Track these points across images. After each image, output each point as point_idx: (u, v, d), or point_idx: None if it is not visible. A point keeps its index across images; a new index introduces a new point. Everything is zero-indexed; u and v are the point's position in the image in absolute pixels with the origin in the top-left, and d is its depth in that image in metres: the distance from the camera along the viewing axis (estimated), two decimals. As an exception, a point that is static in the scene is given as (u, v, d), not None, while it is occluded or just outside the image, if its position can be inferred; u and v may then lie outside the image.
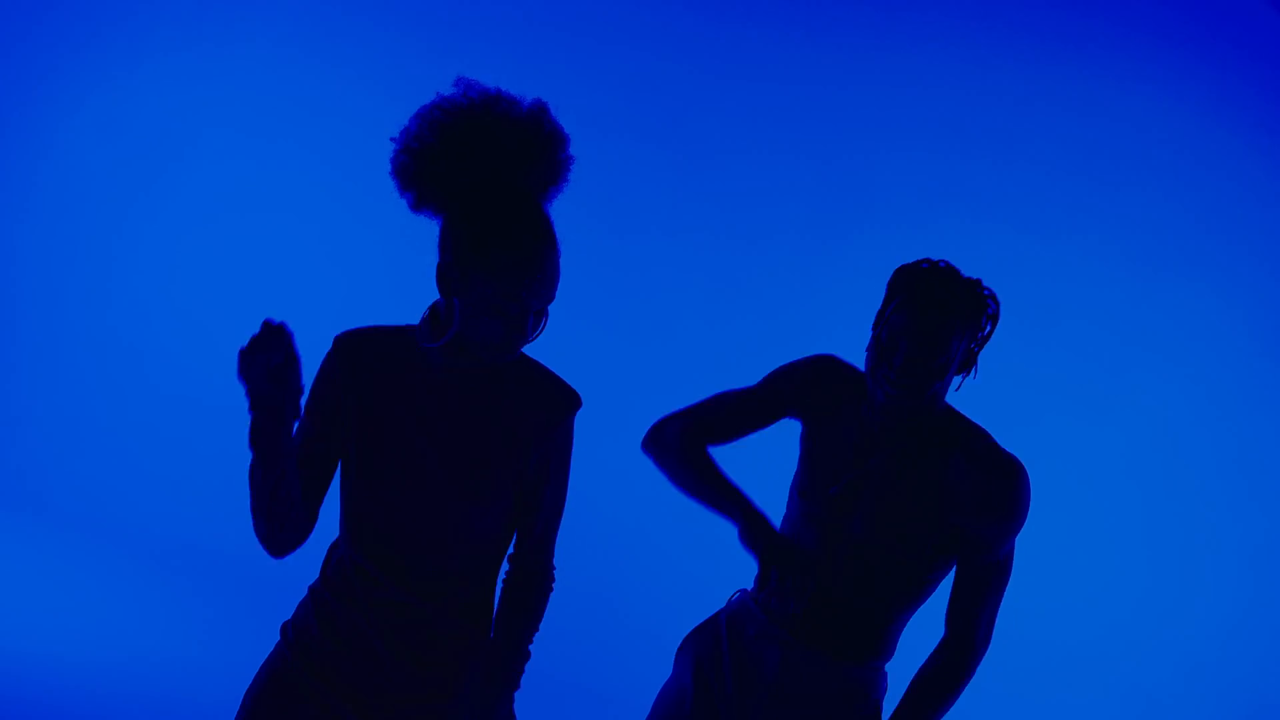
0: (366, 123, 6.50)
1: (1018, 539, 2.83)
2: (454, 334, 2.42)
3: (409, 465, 2.47)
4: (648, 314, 6.31)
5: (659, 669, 3.15)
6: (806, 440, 2.90)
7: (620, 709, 4.38)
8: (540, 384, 2.55)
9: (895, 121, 6.03)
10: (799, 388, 2.89)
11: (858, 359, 2.89)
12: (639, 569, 5.66)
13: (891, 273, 2.77)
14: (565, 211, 2.51)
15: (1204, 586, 5.75)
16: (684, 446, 2.91)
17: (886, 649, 2.89)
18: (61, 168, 6.92)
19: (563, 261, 2.43)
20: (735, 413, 2.93)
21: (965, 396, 2.97)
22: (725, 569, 3.37)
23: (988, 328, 2.72)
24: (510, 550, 2.64)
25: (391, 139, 2.46)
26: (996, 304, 2.72)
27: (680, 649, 3.01)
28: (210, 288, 6.82)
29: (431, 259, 2.45)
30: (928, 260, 2.72)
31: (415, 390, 2.49)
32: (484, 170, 2.41)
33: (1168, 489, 5.82)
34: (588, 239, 6.05)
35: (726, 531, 2.86)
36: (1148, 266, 5.79)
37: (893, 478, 2.78)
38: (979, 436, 2.80)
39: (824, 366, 2.90)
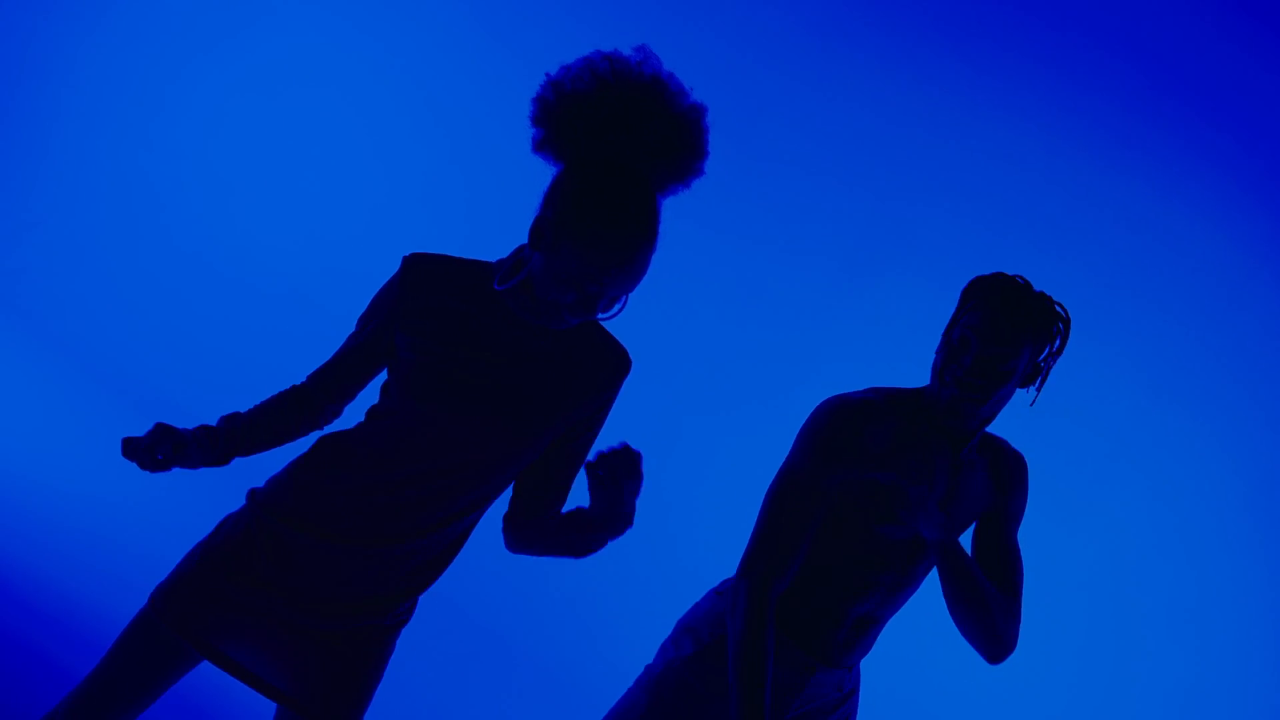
0: (446, 39, 6.48)
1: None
2: (521, 280, 2.45)
3: (461, 389, 2.47)
4: (658, 315, 6.23)
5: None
6: (872, 479, 2.78)
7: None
8: (600, 343, 2.57)
9: (954, 184, 6.10)
10: (861, 450, 2.74)
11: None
12: (646, 568, 5.62)
13: (965, 285, 2.78)
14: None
15: (1139, 698, 5.81)
16: (761, 622, 2.69)
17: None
18: (130, 12, 6.91)
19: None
20: (805, 527, 2.75)
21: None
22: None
23: (1057, 341, 2.74)
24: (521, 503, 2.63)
25: (547, 72, 2.42)
26: (1068, 320, 2.74)
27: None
28: (249, 160, 6.79)
29: (488, 191, 2.45)
30: (1002, 273, 2.77)
31: (480, 323, 2.50)
32: (622, 145, 2.40)
33: (1115, 602, 5.89)
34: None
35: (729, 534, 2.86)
36: (1148, 384, 5.87)
37: (960, 492, 2.82)
38: (995, 439, 2.95)
39: (854, 414, 2.75)
